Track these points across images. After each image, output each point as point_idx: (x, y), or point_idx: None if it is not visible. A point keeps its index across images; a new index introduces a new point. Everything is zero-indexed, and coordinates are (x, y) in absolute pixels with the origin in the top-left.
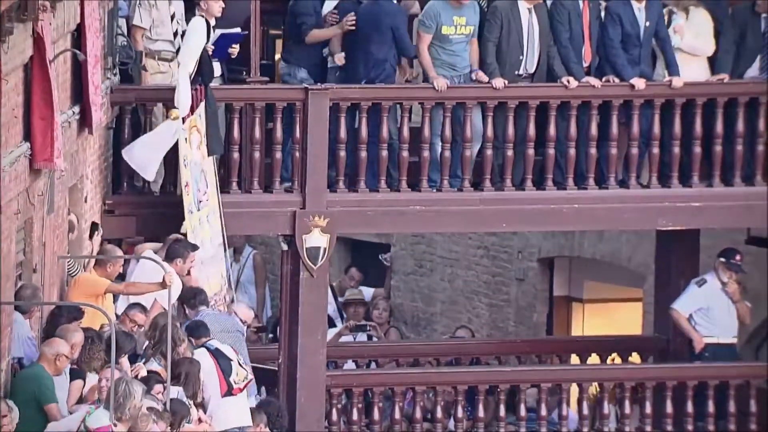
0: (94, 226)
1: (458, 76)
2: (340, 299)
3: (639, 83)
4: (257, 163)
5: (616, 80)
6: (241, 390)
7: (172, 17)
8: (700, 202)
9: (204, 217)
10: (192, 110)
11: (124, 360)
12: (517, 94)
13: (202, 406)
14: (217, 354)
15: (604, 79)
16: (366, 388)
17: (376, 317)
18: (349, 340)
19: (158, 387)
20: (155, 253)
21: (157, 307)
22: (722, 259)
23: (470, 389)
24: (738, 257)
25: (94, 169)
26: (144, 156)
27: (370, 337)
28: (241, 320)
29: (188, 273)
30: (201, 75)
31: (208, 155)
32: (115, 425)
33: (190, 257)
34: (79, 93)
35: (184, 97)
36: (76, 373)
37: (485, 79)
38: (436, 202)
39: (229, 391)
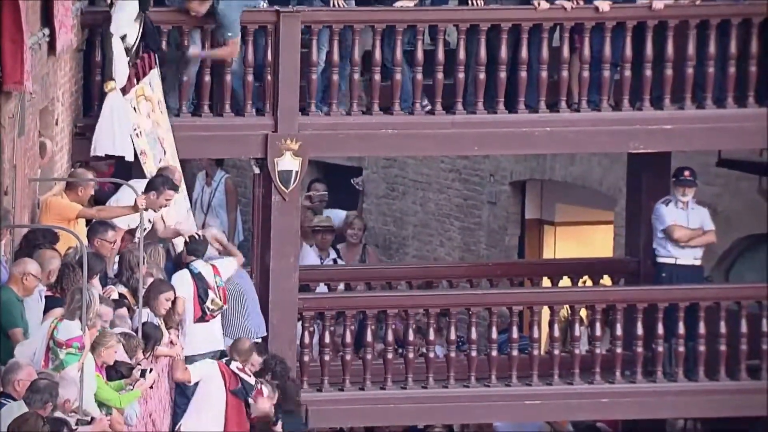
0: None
1: None
2: (307, 225)
3: (603, 5)
4: (229, 86)
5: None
6: (213, 317)
7: None
8: (671, 125)
9: None
10: (138, 79)
11: (95, 281)
12: (488, 16)
13: (177, 327)
14: (198, 278)
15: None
16: (338, 311)
17: (350, 236)
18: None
19: (114, 312)
20: None
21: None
22: (673, 179)
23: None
24: (686, 173)
25: (65, 92)
26: (110, 138)
27: (338, 252)
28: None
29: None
30: (146, 43)
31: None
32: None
33: (165, 194)
34: (50, 14)
35: (120, 67)
36: (56, 301)
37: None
38: (408, 125)
39: (201, 317)
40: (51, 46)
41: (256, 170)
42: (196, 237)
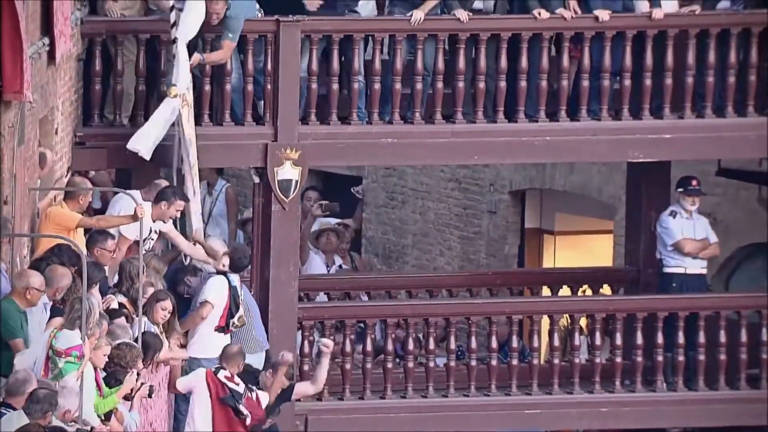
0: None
1: None
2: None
3: (603, 15)
4: (229, 95)
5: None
6: (231, 331)
7: None
8: (671, 134)
9: None
10: None
11: (95, 290)
12: (488, 26)
13: (184, 335)
14: (233, 292)
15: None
16: (338, 320)
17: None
18: (323, 273)
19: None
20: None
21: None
22: (680, 190)
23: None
24: (694, 182)
25: (65, 101)
26: (150, 138)
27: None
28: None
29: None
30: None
31: None
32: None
33: (176, 204)
34: (49, 23)
35: (183, 74)
36: (57, 311)
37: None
38: (408, 134)
39: (222, 329)
40: (51, 55)
41: (256, 179)
42: (239, 249)
